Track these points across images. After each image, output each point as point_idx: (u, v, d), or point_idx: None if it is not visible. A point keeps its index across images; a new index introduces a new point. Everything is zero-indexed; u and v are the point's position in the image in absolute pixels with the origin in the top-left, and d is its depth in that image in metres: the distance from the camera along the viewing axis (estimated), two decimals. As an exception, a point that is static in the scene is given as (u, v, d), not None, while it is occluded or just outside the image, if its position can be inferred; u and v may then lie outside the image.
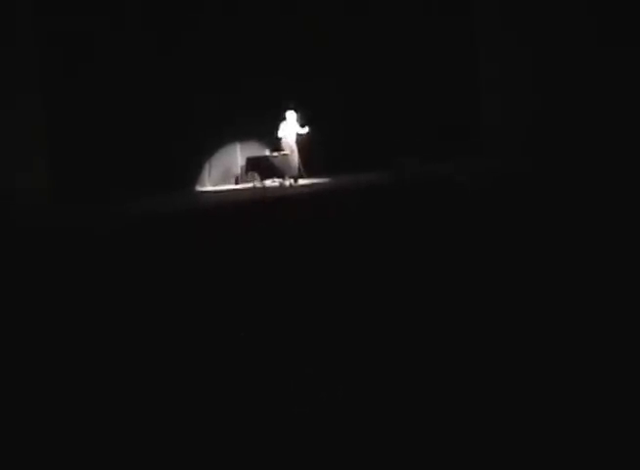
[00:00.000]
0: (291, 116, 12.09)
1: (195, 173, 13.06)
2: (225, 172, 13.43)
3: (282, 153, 12.16)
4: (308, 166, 12.31)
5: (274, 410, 2.35)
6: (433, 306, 3.33)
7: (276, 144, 12.43)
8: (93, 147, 11.18)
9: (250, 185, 12.56)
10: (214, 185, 13.16)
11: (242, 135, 13.29)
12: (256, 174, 12.46)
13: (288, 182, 12.05)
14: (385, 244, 5.08)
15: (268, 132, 12.51)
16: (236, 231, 6.78)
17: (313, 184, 11.73)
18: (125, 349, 3.11)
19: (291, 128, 12.10)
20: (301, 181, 12.12)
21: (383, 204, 7.43)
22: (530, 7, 11.39)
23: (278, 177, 12.22)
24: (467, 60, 12.78)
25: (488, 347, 2.72)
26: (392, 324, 3.11)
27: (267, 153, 12.84)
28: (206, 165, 13.22)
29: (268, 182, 12.34)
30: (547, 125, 10.80)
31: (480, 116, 12.66)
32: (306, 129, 12.02)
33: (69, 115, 11.06)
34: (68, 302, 4.07)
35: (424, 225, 5.66)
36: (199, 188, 12.97)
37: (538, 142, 10.61)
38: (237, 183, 13.29)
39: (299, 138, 12.14)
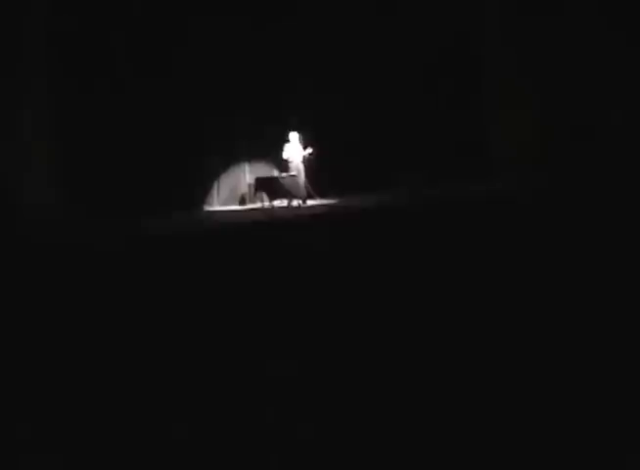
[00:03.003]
0: (294, 137, 12.18)
1: (203, 193, 13.13)
2: (233, 192, 13.50)
3: (290, 174, 12.22)
4: (316, 187, 12.36)
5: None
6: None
7: (283, 165, 12.51)
8: (101, 163, 11.21)
9: (258, 205, 12.61)
10: (222, 205, 13.22)
11: (250, 156, 13.39)
12: (265, 195, 12.51)
13: (296, 203, 12.10)
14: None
15: (276, 153, 12.60)
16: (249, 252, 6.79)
17: (323, 205, 11.77)
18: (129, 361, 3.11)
19: (295, 149, 12.18)
20: (310, 202, 12.16)
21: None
22: (537, 23, 11.49)
23: (286, 198, 12.26)
24: (475, 76, 12.90)
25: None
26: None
27: (276, 173, 12.92)
28: (215, 185, 13.29)
29: (277, 203, 12.39)
30: (558, 140, 10.85)
31: (490, 132, 12.75)
32: (310, 150, 12.09)
33: (80, 132, 11.09)
34: (72, 319, 4.07)
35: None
36: (207, 208, 13.02)
37: (550, 157, 10.66)
38: (243, 203, 13.35)
39: (305, 159, 12.21)
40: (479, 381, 2.51)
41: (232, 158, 13.29)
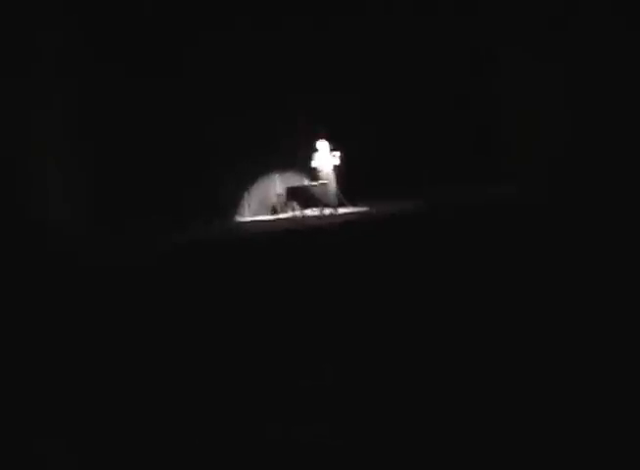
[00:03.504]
0: (322, 145, 12.14)
1: (234, 204, 13.17)
2: (264, 203, 13.52)
3: (320, 182, 12.18)
4: (348, 195, 12.30)
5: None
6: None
7: (312, 174, 12.49)
8: (132, 176, 11.31)
9: (289, 215, 12.61)
10: (253, 215, 13.25)
11: (281, 165, 13.41)
12: (296, 204, 12.50)
13: (328, 211, 12.05)
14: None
15: (305, 162, 12.60)
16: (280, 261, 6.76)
17: (354, 212, 11.70)
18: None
19: (324, 157, 12.14)
20: (341, 210, 12.10)
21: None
22: (561, 33, 11.31)
23: (317, 206, 12.22)
24: (493, 84, 12.73)
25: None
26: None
27: (306, 182, 12.91)
28: (245, 196, 13.33)
29: (308, 212, 12.37)
30: (577, 157, 10.61)
31: (509, 142, 12.55)
32: (338, 159, 12.03)
33: (109, 144, 11.20)
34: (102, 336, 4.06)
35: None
36: (238, 219, 13.05)
37: (567, 173, 10.43)
38: (274, 213, 13.35)
39: (335, 167, 12.17)
40: (499, 382, 2.43)
41: (262, 168, 13.33)
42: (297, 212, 12.48)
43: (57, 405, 2.83)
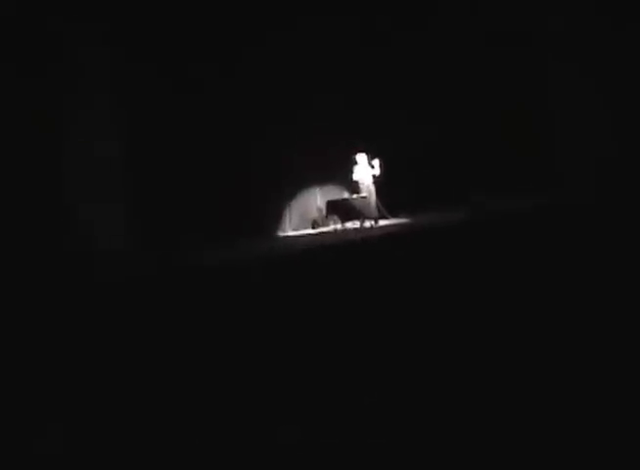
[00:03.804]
0: (362, 158, 12.14)
1: (275, 219, 13.25)
2: (304, 217, 13.57)
3: (361, 195, 12.17)
4: (388, 207, 12.26)
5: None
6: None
7: (353, 187, 12.49)
8: (173, 193, 11.44)
9: (330, 228, 12.62)
10: (294, 230, 13.30)
11: (321, 180, 13.46)
12: (337, 218, 12.51)
13: (368, 224, 12.02)
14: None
15: (346, 176, 12.61)
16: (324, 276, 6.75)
17: (395, 225, 11.64)
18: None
19: (364, 170, 12.14)
20: (382, 222, 12.06)
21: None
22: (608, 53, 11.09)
23: (358, 219, 12.21)
24: (540, 95, 12.52)
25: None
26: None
27: (347, 196, 12.91)
28: (287, 211, 13.40)
29: (349, 225, 12.36)
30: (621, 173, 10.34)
31: (554, 152, 12.30)
32: (379, 170, 12.01)
33: (148, 161, 11.29)
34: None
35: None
36: (279, 234, 13.12)
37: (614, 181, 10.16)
38: (315, 227, 13.37)
39: (375, 179, 12.14)
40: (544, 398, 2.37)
41: (302, 182, 13.39)
42: (338, 226, 12.49)
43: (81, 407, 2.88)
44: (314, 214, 13.59)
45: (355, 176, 12.23)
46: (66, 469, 2.34)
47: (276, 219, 13.29)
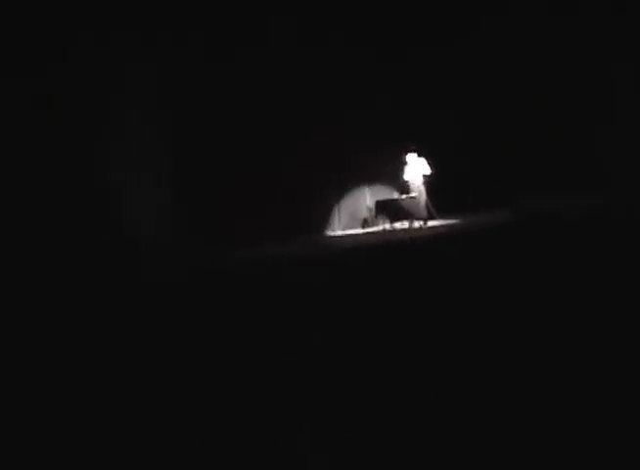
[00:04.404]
0: (412, 158, 12.17)
1: (325, 218, 13.40)
2: (354, 216, 13.68)
3: (410, 195, 12.20)
4: (437, 207, 12.26)
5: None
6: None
7: (403, 187, 12.52)
8: (220, 188, 11.63)
9: (379, 228, 12.70)
10: (344, 229, 13.42)
11: (370, 179, 13.54)
12: (385, 217, 12.58)
13: (417, 224, 12.04)
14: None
15: (395, 176, 12.66)
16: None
17: (444, 225, 11.63)
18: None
19: (415, 170, 12.16)
20: (431, 222, 12.07)
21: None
22: None
23: (407, 220, 12.24)
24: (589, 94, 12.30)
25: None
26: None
27: (396, 196, 12.96)
28: (336, 210, 13.53)
29: (397, 225, 12.41)
30: None
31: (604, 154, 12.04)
32: (429, 170, 12.03)
33: (195, 157, 11.45)
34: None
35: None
36: (329, 233, 13.26)
37: None
38: (364, 227, 13.46)
39: (426, 179, 12.16)
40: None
41: (351, 182, 13.50)
42: (387, 226, 12.56)
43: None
44: (364, 214, 13.69)
45: (406, 176, 12.28)
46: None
47: (325, 218, 13.43)
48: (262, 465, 2.05)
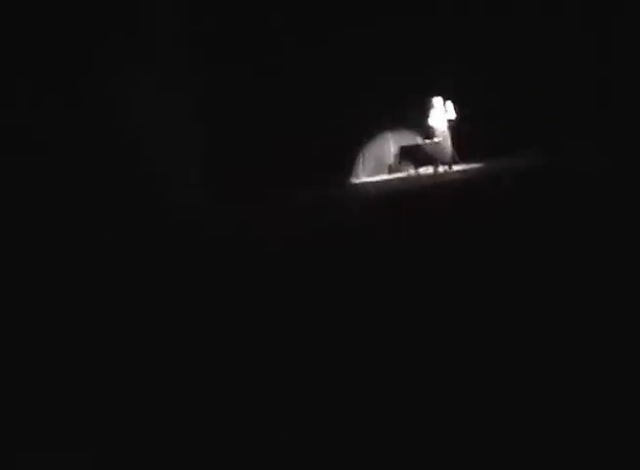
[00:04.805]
0: (438, 102, 12.02)
1: (349, 165, 13.38)
2: (378, 163, 13.64)
3: (434, 140, 12.12)
4: (462, 152, 12.16)
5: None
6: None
7: (427, 132, 12.41)
8: (247, 143, 11.68)
9: (404, 174, 12.67)
10: (369, 176, 13.41)
11: (393, 124, 13.40)
12: (410, 163, 12.55)
13: (442, 169, 12.00)
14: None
15: (419, 120, 12.51)
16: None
17: (468, 170, 11.57)
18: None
19: (440, 115, 12.04)
20: (456, 167, 12.01)
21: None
22: None
23: (432, 165, 12.20)
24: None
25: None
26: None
27: (420, 141, 12.87)
28: (360, 157, 13.50)
29: (422, 170, 12.38)
30: None
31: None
32: (454, 114, 11.89)
33: (225, 111, 11.55)
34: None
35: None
36: (354, 180, 13.27)
37: None
38: (390, 173, 13.43)
39: (450, 124, 12.03)
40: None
41: (375, 128, 13.38)
42: (412, 171, 12.53)
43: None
44: (389, 160, 13.63)
45: (431, 121, 12.16)
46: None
47: (349, 166, 13.41)
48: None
